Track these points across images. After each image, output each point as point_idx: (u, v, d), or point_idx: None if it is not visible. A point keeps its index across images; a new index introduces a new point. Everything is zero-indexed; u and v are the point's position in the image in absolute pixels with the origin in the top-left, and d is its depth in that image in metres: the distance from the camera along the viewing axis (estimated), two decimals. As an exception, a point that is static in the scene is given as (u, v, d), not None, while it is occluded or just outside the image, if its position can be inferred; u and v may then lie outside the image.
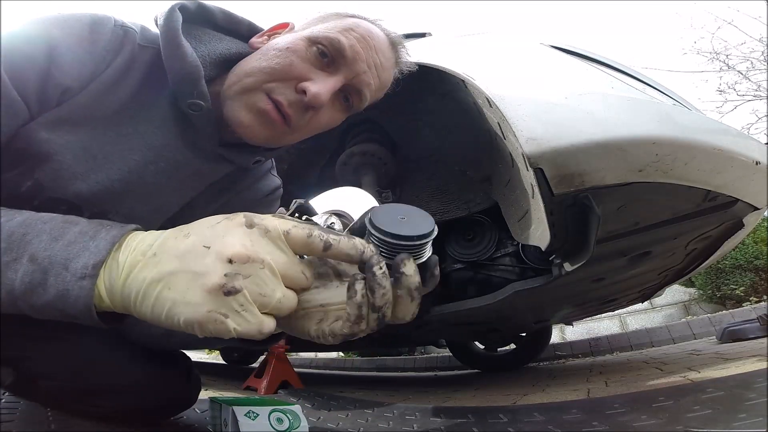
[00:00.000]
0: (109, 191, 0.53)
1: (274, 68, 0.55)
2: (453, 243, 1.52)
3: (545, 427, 0.83)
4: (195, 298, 0.34)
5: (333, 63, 0.57)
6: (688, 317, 3.62)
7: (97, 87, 0.50)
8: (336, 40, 0.56)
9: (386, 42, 0.63)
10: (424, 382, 2.38)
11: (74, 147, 0.50)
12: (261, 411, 0.66)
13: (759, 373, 1.00)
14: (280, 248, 0.36)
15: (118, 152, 0.53)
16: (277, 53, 0.56)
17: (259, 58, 0.57)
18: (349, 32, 0.58)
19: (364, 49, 0.58)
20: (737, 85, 5.62)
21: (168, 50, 0.53)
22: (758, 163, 0.95)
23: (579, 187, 0.87)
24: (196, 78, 0.53)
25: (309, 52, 0.56)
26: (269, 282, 0.35)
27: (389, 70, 0.64)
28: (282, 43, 0.57)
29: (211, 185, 0.65)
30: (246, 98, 0.55)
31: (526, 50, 1.13)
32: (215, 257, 0.34)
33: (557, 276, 1.15)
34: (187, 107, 0.54)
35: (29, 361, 0.62)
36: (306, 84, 0.55)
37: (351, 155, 1.42)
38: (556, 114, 0.88)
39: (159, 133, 0.56)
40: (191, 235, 0.37)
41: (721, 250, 1.46)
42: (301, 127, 0.58)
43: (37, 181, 0.49)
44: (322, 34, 0.57)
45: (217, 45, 0.60)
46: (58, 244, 0.37)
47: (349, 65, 0.58)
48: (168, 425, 0.78)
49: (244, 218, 0.37)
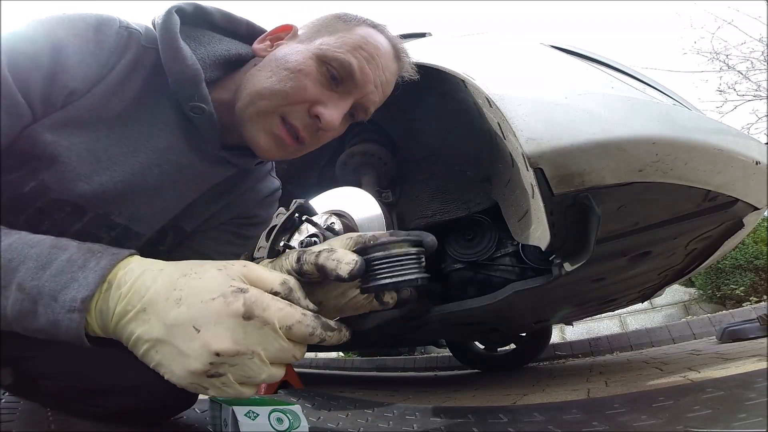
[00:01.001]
0: (113, 193, 0.53)
1: (288, 93, 0.56)
2: (453, 243, 1.51)
3: (545, 427, 0.83)
4: (178, 371, 0.35)
5: (343, 83, 0.59)
6: (688, 317, 3.62)
7: (102, 89, 0.50)
8: (347, 63, 0.57)
9: (391, 54, 0.63)
10: (424, 382, 2.38)
11: (79, 149, 0.50)
12: (261, 411, 0.66)
13: (759, 373, 1.00)
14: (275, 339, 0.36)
15: (122, 154, 0.53)
16: (289, 75, 0.56)
17: (269, 76, 0.57)
18: (358, 51, 0.58)
19: (373, 69, 0.60)
20: (737, 85, 5.63)
21: (167, 54, 0.52)
22: (758, 163, 0.95)
23: (579, 187, 0.87)
24: (197, 81, 0.53)
25: (320, 74, 0.57)
26: (256, 368, 0.36)
27: (392, 82, 0.65)
28: (292, 61, 0.57)
29: (212, 187, 0.65)
30: (263, 123, 0.57)
31: (526, 50, 1.13)
32: (202, 346, 0.34)
33: (557, 276, 1.15)
34: (189, 110, 0.54)
35: (29, 361, 0.62)
36: (320, 110, 0.57)
37: (351, 155, 1.42)
38: (556, 114, 0.88)
39: (163, 135, 0.56)
40: (183, 304, 0.36)
41: (721, 250, 1.46)
42: (311, 145, 0.61)
43: (42, 182, 0.49)
44: (332, 55, 0.57)
45: (216, 46, 0.60)
46: (45, 273, 0.37)
47: (359, 87, 0.59)
48: (168, 425, 0.78)
49: (243, 307, 0.35)
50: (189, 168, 0.59)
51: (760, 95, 5.49)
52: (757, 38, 5.44)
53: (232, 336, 0.34)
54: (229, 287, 0.36)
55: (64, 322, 0.36)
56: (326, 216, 1.07)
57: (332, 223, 1.04)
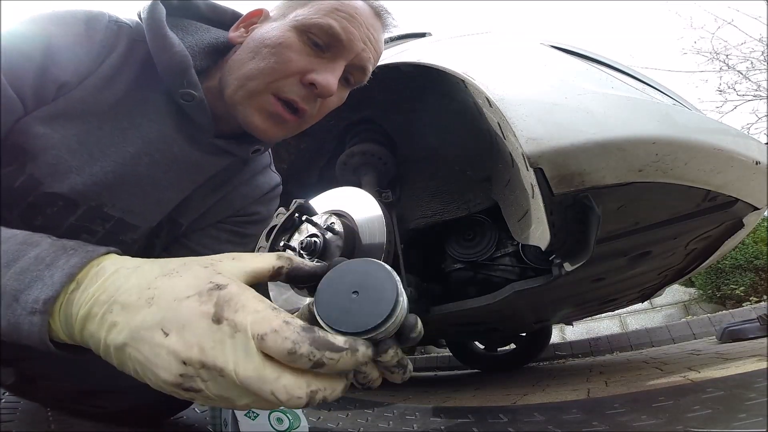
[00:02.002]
0: (104, 184, 0.53)
1: (275, 68, 0.55)
2: (453, 243, 1.51)
3: (545, 427, 0.83)
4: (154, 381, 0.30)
5: (330, 48, 0.57)
6: (688, 317, 3.62)
7: (93, 82, 0.50)
8: (328, 26, 0.56)
9: (370, 12, 0.62)
10: (424, 382, 2.38)
11: (70, 141, 0.50)
12: (261, 411, 0.66)
13: (759, 373, 1.00)
14: (248, 354, 0.29)
15: (113, 145, 0.53)
16: (271, 50, 0.55)
17: (252, 57, 0.56)
18: (335, 13, 0.57)
19: (356, 27, 0.58)
20: (737, 85, 5.63)
21: (154, 42, 0.53)
22: (758, 163, 0.95)
23: (579, 187, 0.87)
24: (185, 67, 0.53)
25: (302, 43, 0.56)
26: (232, 391, 0.29)
27: (381, 40, 0.64)
28: (271, 37, 0.56)
29: (208, 179, 0.65)
30: (255, 102, 0.56)
31: (526, 50, 1.13)
32: (169, 353, 0.29)
33: (557, 276, 1.15)
34: (180, 98, 0.54)
35: (30, 362, 0.62)
36: (313, 76, 0.55)
37: (351, 155, 1.42)
38: (556, 114, 0.88)
39: (155, 125, 0.55)
40: (154, 305, 0.31)
41: (721, 250, 1.46)
42: (312, 116, 0.60)
43: (32, 176, 0.48)
44: (309, 22, 0.56)
45: (204, 35, 0.60)
46: (9, 271, 0.34)
47: (346, 48, 0.57)
48: (168, 425, 0.78)
49: (214, 307, 0.30)
50: (182, 158, 0.59)
51: (760, 95, 5.49)
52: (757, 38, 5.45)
53: (198, 342, 0.29)
54: (208, 284, 0.32)
55: (25, 325, 0.32)
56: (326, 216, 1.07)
57: (332, 223, 1.04)
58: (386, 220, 1.03)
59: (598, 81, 0.97)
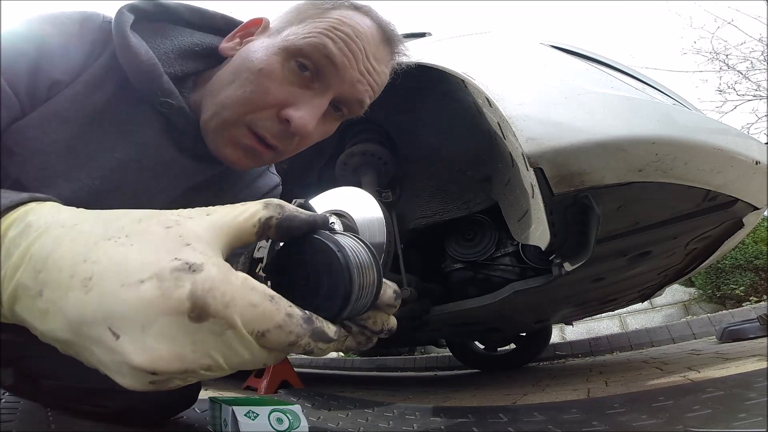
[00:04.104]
0: (91, 190, 0.51)
1: (249, 98, 0.50)
2: (453, 243, 1.52)
3: (545, 427, 0.83)
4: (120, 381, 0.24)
5: (319, 76, 0.51)
6: (688, 317, 3.62)
7: (85, 80, 0.49)
8: (321, 45, 0.50)
9: (378, 36, 0.55)
10: (424, 382, 2.38)
11: (59, 146, 0.48)
12: (261, 411, 0.66)
13: (759, 373, 1.00)
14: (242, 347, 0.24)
15: (101, 150, 0.51)
16: (249, 77, 0.51)
17: (231, 80, 0.52)
18: (334, 32, 0.50)
19: (355, 52, 0.51)
20: (737, 85, 5.63)
21: (120, 52, 0.50)
22: (758, 162, 0.95)
23: (579, 187, 0.87)
24: (154, 76, 0.50)
25: (286, 71, 0.51)
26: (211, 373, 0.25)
27: (385, 72, 0.57)
28: (253, 60, 0.51)
29: (207, 188, 0.63)
30: (228, 134, 0.52)
31: (526, 50, 1.13)
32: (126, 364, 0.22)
33: (557, 276, 1.15)
34: (160, 106, 0.52)
35: (30, 361, 0.62)
36: (289, 112, 0.50)
37: (351, 155, 1.42)
38: (556, 114, 0.88)
39: (142, 130, 0.54)
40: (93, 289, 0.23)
41: (721, 250, 1.46)
42: (290, 151, 0.56)
43: (18, 181, 0.47)
44: (299, 44, 0.50)
45: (185, 39, 0.57)
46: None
47: (339, 75, 0.51)
48: (168, 425, 0.78)
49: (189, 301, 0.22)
50: (172, 163, 0.56)
51: (760, 95, 5.49)
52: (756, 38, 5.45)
53: (171, 349, 0.22)
54: (172, 261, 0.23)
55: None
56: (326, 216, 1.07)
57: (332, 223, 1.04)
58: (386, 220, 1.03)
59: (598, 81, 0.97)
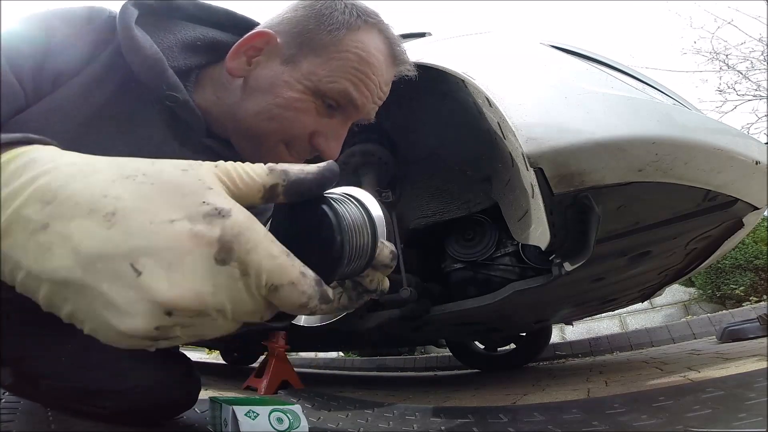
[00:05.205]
0: None
1: (285, 129, 0.55)
2: (453, 243, 1.52)
3: (545, 427, 0.83)
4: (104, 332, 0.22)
5: (341, 110, 0.57)
6: (688, 317, 3.62)
7: (87, 76, 0.50)
8: (344, 92, 0.55)
9: (389, 61, 0.59)
10: (424, 382, 2.38)
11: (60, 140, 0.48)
12: (261, 410, 0.66)
13: (759, 373, 1.00)
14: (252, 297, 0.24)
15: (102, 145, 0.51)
16: (284, 113, 0.54)
17: (259, 111, 0.55)
18: (354, 75, 0.55)
19: (371, 89, 0.57)
20: (737, 84, 5.63)
21: (125, 46, 0.51)
22: (758, 162, 0.95)
23: (579, 187, 0.87)
24: (160, 70, 0.51)
25: (317, 106, 0.56)
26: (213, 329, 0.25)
27: (388, 88, 0.62)
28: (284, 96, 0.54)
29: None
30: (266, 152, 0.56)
31: (526, 50, 1.13)
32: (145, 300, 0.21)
33: (557, 276, 1.15)
34: (165, 100, 0.52)
35: (30, 361, 0.62)
36: (320, 143, 0.57)
37: (351, 155, 1.42)
38: (556, 114, 0.88)
39: (145, 126, 0.54)
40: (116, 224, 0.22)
41: (721, 250, 1.46)
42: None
43: None
44: (326, 87, 0.55)
45: (189, 32, 0.58)
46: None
47: (357, 111, 0.58)
48: (168, 425, 0.78)
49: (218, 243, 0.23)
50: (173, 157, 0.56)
51: (760, 95, 5.50)
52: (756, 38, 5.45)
53: (194, 286, 0.22)
54: (201, 204, 0.23)
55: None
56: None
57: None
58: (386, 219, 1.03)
59: (598, 81, 0.97)
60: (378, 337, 1.96)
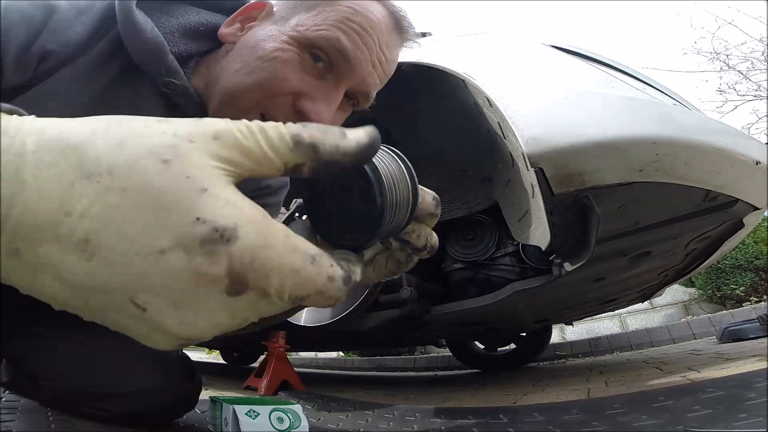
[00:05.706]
0: None
1: (264, 84, 0.48)
2: (453, 243, 1.52)
3: (545, 427, 0.83)
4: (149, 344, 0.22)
5: (332, 69, 0.50)
6: (688, 317, 3.62)
7: (85, 62, 0.48)
8: (335, 39, 0.48)
9: (390, 24, 0.53)
10: (424, 382, 2.38)
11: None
12: (262, 410, 0.66)
13: (759, 373, 1.00)
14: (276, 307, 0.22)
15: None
16: (262, 65, 0.48)
17: (239, 68, 0.50)
18: (345, 24, 0.49)
19: (368, 45, 0.50)
20: (737, 85, 5.63)
21: (124, 29, 0.48)
22: (758, 163, 0.95)
23: (579, 187, 0.87)
24: (160, 54, 0.49)
25: (302, 60, 0.49)
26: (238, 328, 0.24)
27: (394, 60, 0.55)
28: (265, 48, 0.49)
29: None
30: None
31: (526, 50, 1.13)
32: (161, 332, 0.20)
33: (557, 276, 1.15)
34: (163, 86, 0.50)
35: (31, 362, 0.62)
36: (305, 104, 0.49)
37: (351, 155, 1.42)
38: (557, 114, 0.88)
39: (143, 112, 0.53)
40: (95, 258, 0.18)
41: (721, 250, 1.46)
42: None
43: None
44: (312, 35, 0.48)
45: (192, 17, 0.56)
46: None
47: (352, 70, 0.50)
48: (168, 425, 0.78)
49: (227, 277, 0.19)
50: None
51: (760, 95, 5.50)
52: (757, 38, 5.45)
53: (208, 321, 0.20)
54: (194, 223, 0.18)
55: None
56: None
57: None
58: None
59: (599, 81, 0.97)
60: (378, 337, 1.96)
